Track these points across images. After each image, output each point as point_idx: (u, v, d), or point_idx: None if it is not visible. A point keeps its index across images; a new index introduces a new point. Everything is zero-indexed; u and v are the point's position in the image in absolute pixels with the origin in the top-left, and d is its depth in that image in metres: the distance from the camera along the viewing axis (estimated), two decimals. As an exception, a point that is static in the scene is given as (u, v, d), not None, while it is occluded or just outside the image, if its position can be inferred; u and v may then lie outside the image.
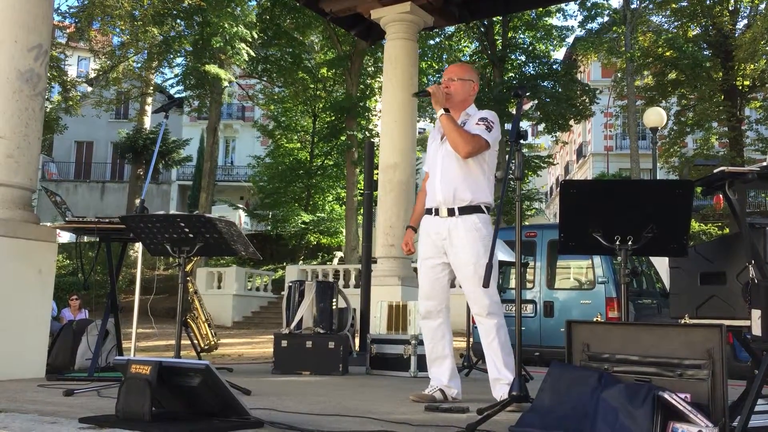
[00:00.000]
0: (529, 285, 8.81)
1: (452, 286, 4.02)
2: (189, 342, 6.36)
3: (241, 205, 34.21)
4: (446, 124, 3.75)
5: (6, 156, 4.68)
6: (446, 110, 3.79)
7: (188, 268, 3.91)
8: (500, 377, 3.64)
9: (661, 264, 10.10)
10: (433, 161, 3.90)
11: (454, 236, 3.72)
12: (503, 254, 5.85)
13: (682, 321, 2.99)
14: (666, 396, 2.28)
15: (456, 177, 3.75)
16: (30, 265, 4.67)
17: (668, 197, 2.91)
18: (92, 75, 27.55)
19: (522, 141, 3.23)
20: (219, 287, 20.07)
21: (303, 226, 26.92)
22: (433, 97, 3.79)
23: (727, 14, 22.52)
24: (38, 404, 3.21)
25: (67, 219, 4.70)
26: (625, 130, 29.03)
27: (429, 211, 3.88)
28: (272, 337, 5.91)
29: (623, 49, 23.13)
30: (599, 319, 7.38)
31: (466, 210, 3.73)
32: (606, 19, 24.61)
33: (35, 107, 4.86)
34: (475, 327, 8.90)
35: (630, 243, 2.95)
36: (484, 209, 3.77)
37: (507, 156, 3.26)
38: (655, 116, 15.32)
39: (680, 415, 2.26)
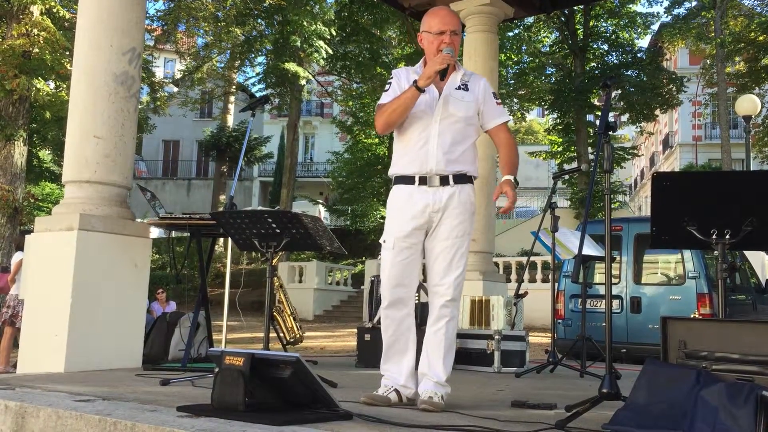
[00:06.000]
0: (615, 280, 8.60)
1: None
2: (275, 334, 6.52)
3: (320, 201, 34.75)
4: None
5: (104, 156, 4.91)
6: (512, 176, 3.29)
7: (273, 262, 4.00)
8: (429, 373, 3.23)
9: (756, 258, 9.67)
10: (425, 121, 3.28)
11: (450, 207, 3.24)
12: (589, 248, 5.73)
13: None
14: (770, 396, 2.18)
15: (456, 142, 3.28)
16: (127, 259, 4.88)
17: (770, 189, 2.78)
18: (178, 76, 28.51)
19: (611, 133, 3.15)
20: (300, 281, 20.49)
21: (382, 220, 27.08)
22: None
23: (827, -6, 21.29)
24: (138, 393, 3.36)
25: (160, 215, 4.89)
26: (715, 119, 27.88)
27: (410, 180, 3.28)
28: (353, 330, 5.99)
29: (713, 34, 22.20)
30: (696, 316, 7.13)
31: (462, 179, 3.29)
32: (694, 3, 23.71)
33: (130, 108, 5.07)
34: (559, 322, 8.87)
35: (728, 237, 2.84)
36: (473, 181, 3.39)
37: (595, 148, 3.16)
38: (749, 104, 14.64)
39: (785, 416, 2.16)
